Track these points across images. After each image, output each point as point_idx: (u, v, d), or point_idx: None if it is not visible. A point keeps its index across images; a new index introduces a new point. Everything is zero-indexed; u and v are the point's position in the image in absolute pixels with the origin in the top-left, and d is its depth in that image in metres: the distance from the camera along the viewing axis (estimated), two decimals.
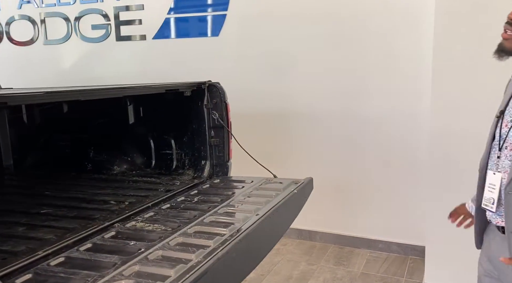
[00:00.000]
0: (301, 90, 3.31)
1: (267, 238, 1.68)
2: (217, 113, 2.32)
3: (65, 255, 1.35)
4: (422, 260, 3.07)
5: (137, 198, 1.96)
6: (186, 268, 1.20)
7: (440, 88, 2.41)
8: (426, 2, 2.75)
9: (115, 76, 3.90)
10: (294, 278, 2.92)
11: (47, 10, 4.16)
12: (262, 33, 3.37)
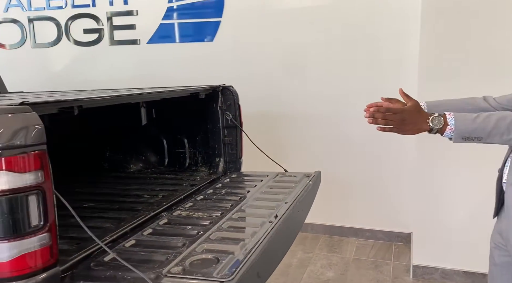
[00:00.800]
0: (295, 93, 3.57)
1: (295, 223, 1.92)
2: (230, 114, 2.52)
3: (135, 239, 1.52)
4: (405, 245, 3.43)
5: (168, 192, 2.12)
6: (248, 245, 1.41)
7: (425, 89, 2.75)
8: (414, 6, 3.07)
9: (108, 79, 3.98)
10: (294, 265, 3.17)
11: (36, 13, 4.17)
12: (256, 39, 3.60)
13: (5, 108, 1.13)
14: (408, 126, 1.38)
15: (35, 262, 1.13)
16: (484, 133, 1.32)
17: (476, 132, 1.33)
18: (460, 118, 1.35)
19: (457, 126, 1.34)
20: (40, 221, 1.13)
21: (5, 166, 1.08)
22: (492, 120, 1.32)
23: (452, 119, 1.35)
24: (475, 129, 1.33)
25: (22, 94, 2.73)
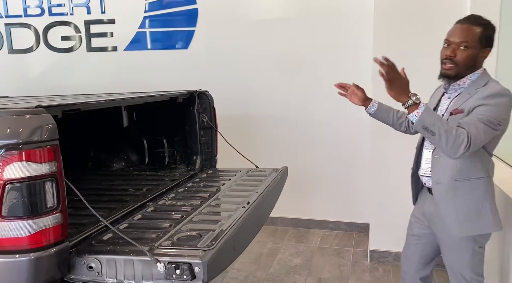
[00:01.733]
0: (264, 97, 3.88)
1: (265, 209, 2.20)
2: (206, 116, 2.79)
3: (127, 222, 1.77)
4: (364, 234, 3.80)
5: (151, 186, 2.37)
6: (225, 224, 1.69)
7: (379, 95, 3.11)
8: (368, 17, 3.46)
9: (85, 85, 4.14)
10: (265, 254, 3.46)
11: (13, 20, 4.29)
12: (228, 47, 3.89)
13: (23, 110, 1.37)
14: (397, 87, 1.62)
15: (49, 237, 1.37)
16: (438, 131, 1.57)
17: (433, 127, 1.58)
18: (428, 110, 1.61)
19: (423, 113, 1.59)
20: (54, 203, 1.37)
21: (25, 158, 1.31)
22: (448, 127, 1.58)
23: (423, 107, 1.60)
24: (434, 124, 1.58)
25: (8, 98, 2.89)
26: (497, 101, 1.65)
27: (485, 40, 1.72)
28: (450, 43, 1.75)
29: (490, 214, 1.79)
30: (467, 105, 1.70)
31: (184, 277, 1.35)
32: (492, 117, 1.63)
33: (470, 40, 1.70)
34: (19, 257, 1.33)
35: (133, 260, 1.42)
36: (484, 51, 1.74)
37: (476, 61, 1.74)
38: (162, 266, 1.36)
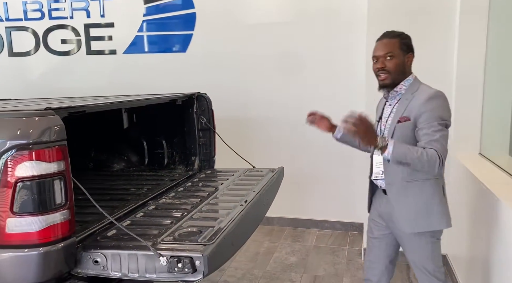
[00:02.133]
0: (261, 99, 3.97)
1: (262, 207, 2.28)
2: (204, 118, 2.87)
3: (130, 220, 1.84)
4: (359, 233, 3.88)
5: (151, 186, 2.45)
6: (224, 221, 1.77)
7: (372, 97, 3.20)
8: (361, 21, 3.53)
9: (84, 88, 4.21)
10: (262, 253, 3.54)
11: (14, 24, 4.35)
12: (225, 50, 3.98)
13: (33, 112, 1.44)
14: (367, 136, 1.76)
15: (58, 233, 1.44)
16: (411, 161, 1.76)
17: (406, 159, 1.75)
18: (397, 146, 1.75)
19: (393, 151, 1.75)
20: (62, 200, 1.45)
21: (35, 157, 1.39)
22: (419, 154, 1.74)
23: (391, 146, 1.75)
24: (405, 157, 1.75)
25: (11, 101, 2.96)
26: (435, 103, 1.85)
27: (405, 47, 1.95)
28: (377, 58, 1.96)
29: (438, 212, 1.95)
30: (411, 112, 1.87)
31: (186, 270, 1.42)
32: (440, 119, 1.81)
33: (393, 49, 1.92)
34: (29, 251, 1.41)
35: (137, 254, 1.49)
36: (407, 57, 1.96)
37: (404, 67, 1.95)
38: (164, 260, 1.44)
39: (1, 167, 1.37)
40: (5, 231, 1.38)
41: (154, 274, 1.48)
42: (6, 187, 1.37)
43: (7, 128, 1.43)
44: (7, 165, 1.37)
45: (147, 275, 1.49)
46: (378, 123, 2.07)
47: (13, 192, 1.37)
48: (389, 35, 1.98)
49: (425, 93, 1.88)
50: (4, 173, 1.37)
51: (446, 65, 3.01)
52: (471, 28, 2.87)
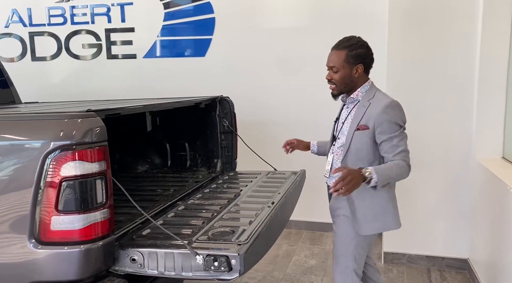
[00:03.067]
0: (282, 102, 4.00)
1: (287, 210, 2.31)
2: (227, 121, 2.91)
3: (162, 219, 1.88)
4: (378, 236, 3.86)
5: (178, 187, 2.49)
6: (254, 222, 1.80)
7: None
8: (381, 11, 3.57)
9: (105, 91, 4.30)
10: (281, 255, 3.56)
11: (37, 29, 4.45)
12: (244, 54, 4.03)
13: (76, 114, 1.50)
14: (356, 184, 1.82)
15: (98, 231, 1.49)
16: (393, 179, 1.97)
17: (389, 180, 1.94)
18: (379, 174, 1.85)
19: (378, 180, 1.85)
20: (103, 199, 1.49)
21: (78, 158, 1.44)
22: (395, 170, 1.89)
23: (375, 176, 1.84)
24: (388, 178, 1.91)
25: (38, 104, 3.03)
26: (391, 112, 1.95)
27: (353, 59, 2.01)
28: (328, 68, 2.09)
29: (393, 214, 2.08)
30: (369, 121, 1.97)
31: (222, 269, 1.46)
32: (398, 126, 1.94)
33: (337, 63, 2.02)
34: (70, 249, 1.45)
35: (174, 253, 1.53)
36: (356, 68, 2.02)
37: (351, 78, 2.03)
38: (201, 259, 1.47)
39: (46, 167, 1.42)
40: (49, 229, 1.43)
41: (190, 272, 1.51)
42: (51, 186, 1.42)
43: (50, 130, 1.48)
44: (52, 166, 1.42)
45: (183, 273, 1.52)
46: (335, 123, 2.20)
47: (58, 191, 1.41)
48: (338, 46, 2.05)
49: (381, 102, 1.97)
50: (49, 173, 1.42)
51: (468, 67, 3.02)
52: (494, 29, 2.87)
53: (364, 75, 2.07)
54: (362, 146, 1.99)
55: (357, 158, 2.01)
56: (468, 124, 3.07)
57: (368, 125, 1.97)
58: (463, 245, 3.19)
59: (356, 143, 2.00)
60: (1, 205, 1.46)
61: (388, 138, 1.93)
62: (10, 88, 3.19)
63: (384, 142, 1.94)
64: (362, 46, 2.05)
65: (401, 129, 1.95)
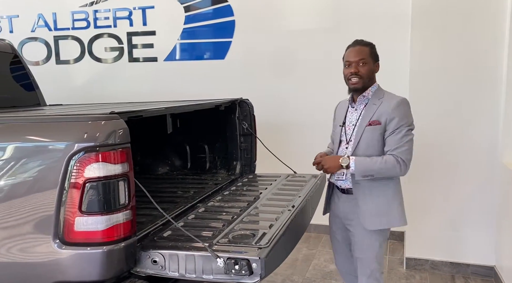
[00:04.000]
0: (301, 104, 3.98)
1: (307, 213, 2.29)
2: (246, 123, 2.91)
3: (183, 221, 1.88)
4: (399, 242, 3.81)
5: (198, 189, 2.49)
6: (275, 226, 1.78)
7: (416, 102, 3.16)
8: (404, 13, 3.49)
9: (126, 94, 4.35)
10: (300, 259, 3.53)
11: (61, 33, 4.56)
12: (264, 56, 4.02)
13: (99, 116, 1.51)
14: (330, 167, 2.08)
15: (120, 232, 1.49)
16: (375, 172, 2.00)
17: (369, 172, 1.99)
18: (358, 163, 1.99)
19: (356, 168, 1.99)
20: (125, 201, 1.50)
21: (102, 159, 1.45)
22: (379, 164, 1.97)
23: (353, 163, 2.00)
24: (367, 170, 1.99)
25: (62, 106, 3.09)
26: (403, 109, 2.05)
27: (374, 55, 2.13)
28: (350, 63, 2.12)
29: (398, 210, 2.12)
30: (382, 117, 2.05)
31: (243, 273, 1.44)
32: (408, 124, 2.02)
33: (366, 56, 2.09)
34: (93, 249, 1.46)
35: (194, 255, 1.52)
36: (376, 65, 2.14)
37: (373, 74, 2.14)
38: (222, 262, 1.47)
39: (70, 168, 1.44)
40: (73, 229, 1.45)
41: (211, 275, 1.51)
42: (75, 188, 1.43)
43: (74, 131, 1.50)
44: (76, 167, 1.44)
45: (204, 276, 1.51)
46: (342, 128, 2.23)
47: (81, 192, 1.43)
48: (361, 42, 2.14)
49: (393, 99, 2.06)
50: (73, 174, 1.44)
51: (495, 69, 2.94)
52: None
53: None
54: (372, 142, 2.05)
55: (366, 154, 2.06)
56: (494, 127, 2.98)
57: (381, 120, 2.04)
58: (489, 251, 3.09)
59: (367, 138, 2.06)
60: (27, 205, 1.49)
61: (395, 131, 2.00)
62: (36, 91, 3.26)
63: (391, 136, 2.01)
64: (376, 48, 2.17)
65: (409, 127, 2.03)
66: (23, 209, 1.49)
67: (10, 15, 4.64)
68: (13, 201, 1.50)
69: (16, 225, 1.50)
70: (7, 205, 1.50)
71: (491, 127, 2.99)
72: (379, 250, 2.14)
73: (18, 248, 1.50)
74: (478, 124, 3.02)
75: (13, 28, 4.66)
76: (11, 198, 1.51)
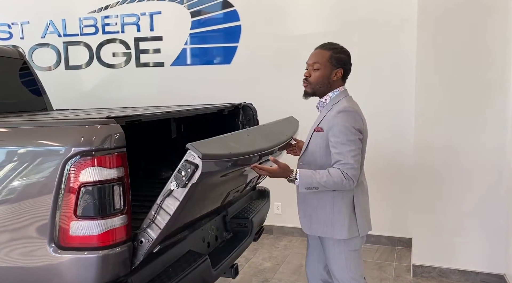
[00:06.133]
0: (305, 110, 3.94)
1: (273, 129, 2.19)
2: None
3: None
4: (406, 249, 3.74)
5: None
6: None
7: (422, 104, 3.12)
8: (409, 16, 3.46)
9: (134, 98, 4.38)
10: (305, 265, 3.48)
11: (70, 39, 4.62)
12: (270, 61, 4.01)
13: (95, 120, 1.52)
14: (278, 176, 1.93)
15: (116, 237, 1.49)
16: (318, 185, 1.87)
17: (312, 184, 1.87)
18: (302, 176, 1.88)
19: (299, 180, 1.88)
20: (120, 205, 1.50)
21: (97, 164, 1.45)
22: (323, 178, 1.85)
23: (297, 176, 1.89)
24: (311, 183, 1.86)
25: (68, 111, 3.13)
26: (344, 117, 1.90)
27: (335, 61, 2.00)
28: (307, 66, 2.05)
29: (339, 222, 1.97)
30: (325, 123, 1.97)
31: (189, 171, 1.50)
32: (348, 131, 1.87)
33: (320, 61, 1.99)
34: (88, 254, 1.46)
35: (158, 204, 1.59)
36: (336, 71, 2.01)
37: (329, 80, 2.01)
38: (173, 183, 1.55)
39: (66, 173, 1.45)
40: (68, 234, 1.45)
41: (177, 201, 1.54)
42: (70, 192, 1.44)
43: (71, 136, 1.51)
44: (72, 171, 1.44)
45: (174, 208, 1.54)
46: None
47: (77, 197, 1.43)
48: (324, 46, 2.05)
49: (337, 107, 1.95)
50: (69, 178, 1.44)
51: (504, 73, 2.88)
52: None
53: (341, 81, 2.06)
54: (316, 148, 2.00)
55: (312, 158, 2.02)
56: (503, 131, 2.91)
57: (323, 127, 1.97)
58: (499, 259, 3.01)
59: (313, 144, 2.02)
60: (23, 209, 1.50)
61: (335, 143, 1.90)
62: (43, 96, 3.31)
63: (332, 147, 1.91)
64: (345, 53, 2.05)
65: (351, 137, 1.88)
66: (19, 213, 1.50)
67: (21, 22, 4.73)
68: (9, 205, 1.51)
69: (12, 229, 1.51)
70: (3, 209, 1.51)
71: (500, 131, 2.92)
72: (346, 260, 2.01)
73: (14, 252, 1.51)
74: (486, 127, 2.96)
75: (24, 35, 4.74)
76: (7, 202, 1.52)
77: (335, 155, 1.89)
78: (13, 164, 1.53)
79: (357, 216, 2.00)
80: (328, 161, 1.95)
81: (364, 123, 2.00)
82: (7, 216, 1.51)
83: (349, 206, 1.99)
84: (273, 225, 4.15)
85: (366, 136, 2.02)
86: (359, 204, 2.02)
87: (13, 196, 1.51)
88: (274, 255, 3.71)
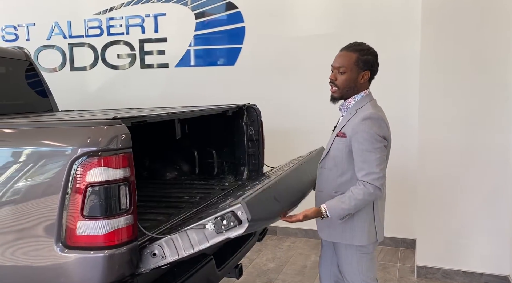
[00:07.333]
0: (308, 111, 3.97)
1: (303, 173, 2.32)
2: (253, 129, 2.91)
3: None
4: (410, 250, 3.74)
5: (204, 194, 2.50)
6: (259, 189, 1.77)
7: (426, 107, 3.12)
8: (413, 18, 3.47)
9: (138, 99, 4.40)
10: (309, 267, 3.49)
11: (76, 40, 4.65)
12: (273, 62, 4.03)
13: (102, 121, 1.53)
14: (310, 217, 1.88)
15: (122, 237, 1.51)
16: (350, 211, 1.84)
17: (344, 212, 1.84)
18: (331, 210, 1.85)
19: (331, 215, 1.85)
20: (127, 205, 1.51)
21: (104, 164, 1.47)
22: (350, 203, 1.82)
23: (328, 212, 1.85)
24: (342, 211, 1.83)
25: (74, 112, 3.15)
26: (369, 123, 1.84)
27: (362, 64, 1.93)
28: (333, 69, 1.99)
29: (359, 228, 1.93)
30: (348, 129, 1.92)
31: (232, 224, 1.48)
32: (373, 138, 1.82)
33: (346, 64, 1.93)
34: (94, 254, 1.48)
35: (186, 231, 1.54)
36: (363, 74, 1.94)
37: (356, 83, 1.95)
38: (210, 225, 1.49)
39: (73, 173, 1.46)
40: (75, 233, 1.46)
41: (207, 242, 1.52)
42: (77, 192, 1.45)
43: (78, 136, 1.52)
44: (78, 171, 1.46)
45: (201, 246, 1.52)
46: (333, 132, 2.10)
47: (83, 197, 1.45)
48: (349, 48, 1.98)
49: (362, 113, 1.89)
50: (76, 178, 1.46)
51: (508, 74, 2.87)
52: None
53: (367, 83, 2.01)
54: (338, 153, 1.94)
55: (334, 163, 1.97)
56: (507, 135, 2.91)
57: (347, 133, 1.92)
58: (504, 260, 3.01)
59: (334, 149, 1.97)
60: (31, 208, 1.52)
61: (360, 151, 1.84)
62: (49, 97, 3.34)
63: (356, 154, 1.86)
64: (372, 54, 1.99)
65: (376, 145, 1.83)
66: (26, 212, 1.52)
67: (27, 24, 4.77)
68: (16, 205, 1.53)
69: (19, 229, 1.53)
70: (10, 209, 1.53)
71: (504, 132, 2.92)
72: (358, 263, 1.98)
73: (21, 251, 1.52)
74: (490, 129, 2.96)
75: (30, 36, 4.78)
76: (15, 202, 1.54)
77: (359, 163, 1.85)
78: (20, 164, 1.55)
79: (376, 222, 1.98)
80: (351, 166, 1.90)
81: (389, 129, 1.94)
82: (15, 216, 1.53)
83: (369, 213, 1.95)
84: (277, 226, 4.16)
85: (390, 142, 1.95)
86: (377, 210, 1.99)
87: (20, 196, 1.53)
88: (278, 256, 3.71)
